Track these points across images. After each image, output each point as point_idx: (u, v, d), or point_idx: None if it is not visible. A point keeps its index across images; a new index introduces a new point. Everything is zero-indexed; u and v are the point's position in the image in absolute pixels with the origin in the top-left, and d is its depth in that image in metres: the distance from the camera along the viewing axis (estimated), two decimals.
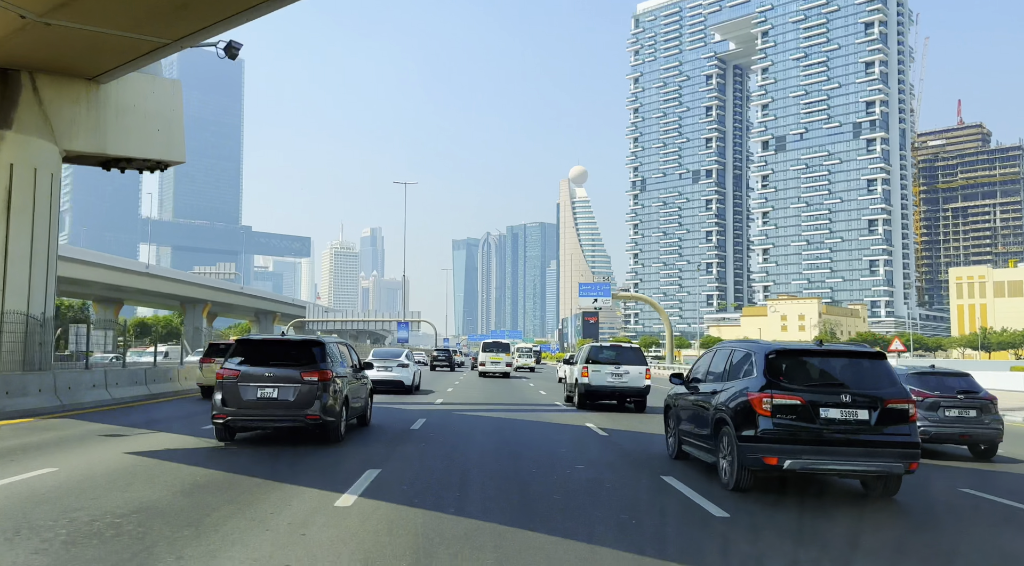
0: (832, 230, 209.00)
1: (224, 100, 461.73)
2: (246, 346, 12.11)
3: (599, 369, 21.41)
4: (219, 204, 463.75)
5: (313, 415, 11.44)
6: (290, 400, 11.42)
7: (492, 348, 45.24)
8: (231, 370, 11.62)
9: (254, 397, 11.45)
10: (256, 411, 11.49)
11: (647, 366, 21.84)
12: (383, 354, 27.04)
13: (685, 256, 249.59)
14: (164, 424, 14.88)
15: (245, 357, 11.84)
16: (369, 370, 17.14)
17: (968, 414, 12.60)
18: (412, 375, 26.56)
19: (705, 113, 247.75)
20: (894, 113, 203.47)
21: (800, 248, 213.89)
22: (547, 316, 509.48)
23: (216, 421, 11.64)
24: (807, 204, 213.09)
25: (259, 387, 11.46)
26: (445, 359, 58.41)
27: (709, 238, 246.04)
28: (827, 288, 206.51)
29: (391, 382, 25.41)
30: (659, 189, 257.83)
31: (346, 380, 12.79)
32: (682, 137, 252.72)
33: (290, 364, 11.68)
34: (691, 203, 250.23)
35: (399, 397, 24.10)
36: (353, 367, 13.86)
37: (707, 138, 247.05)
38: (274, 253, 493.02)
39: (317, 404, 11.45)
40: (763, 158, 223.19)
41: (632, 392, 21.43)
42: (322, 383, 11.57)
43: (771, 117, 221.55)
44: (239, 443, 12.05)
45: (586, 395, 21.62)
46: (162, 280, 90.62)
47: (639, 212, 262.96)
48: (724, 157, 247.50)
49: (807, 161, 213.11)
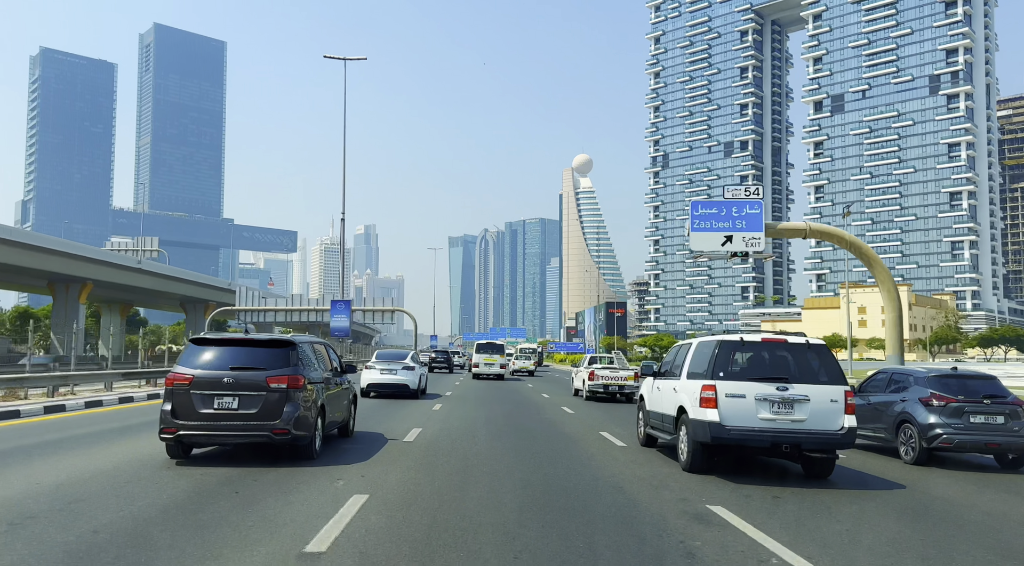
0: (903, 206, 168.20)
1: (204, 84, 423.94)
2: (201, 346, 9.79)
3: (743, 393, 9.23)
4: (199, 195, 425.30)
5: (281, 429, 9.31)
6: (253, 411, 9.30)
7: (486, 349, 41.36)
8: (182, 375, 9.41)
9: (210, 408, 9.30)
10: (213, 424, 9.28)
11: (846, 386, 9.49)
12: (387, 356, 24.43)
13: None
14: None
15: (200, 359, 9.59)
16: (367, 372, 22.69)
17: (996, 421, 11.51)
18: (418, 378, 24.12)
19: (739, 75, 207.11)
20: (979, 63, 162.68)
21: (863, 228, 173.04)
22: (547, 315, 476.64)
23: (164, 436, 9.37)
24: (871, 175, 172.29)
25: (216, 396, 9.31)
26: (444, 361, 53.94)
27: None
28: (896, 277, 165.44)
29: (396, 386, 23.27)
30: (684, 165, 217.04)
31: (322, 386, 10.50)
32: (712, 104, 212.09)
33: (254, 368, 9.51)
34: (722, 180, 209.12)
35: (387, 403, 21.07)
36: (333, 370, 11.71)
37: (741, 105, 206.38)
38: (259, 248, 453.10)
39: (286, 415, 9.36)
40: (815, 121, 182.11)
41: (818, 441, 9.22)
42: (292, 391, 9.47)
43: (825, 72, 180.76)
44: (194, 460, 9.73)
45: (712, 447, 9.49)
46: (14, 248, 50.84)
47: (660, 192, 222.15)
48: (762, 126, 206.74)
49: (871, 124, 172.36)
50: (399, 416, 16.97)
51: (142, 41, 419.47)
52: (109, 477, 8.44)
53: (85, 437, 12.13)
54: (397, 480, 8.63)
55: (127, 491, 7.69)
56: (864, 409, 12.66)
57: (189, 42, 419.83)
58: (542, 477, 9.09)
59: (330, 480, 8.54)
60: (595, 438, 13.59)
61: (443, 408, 19.63)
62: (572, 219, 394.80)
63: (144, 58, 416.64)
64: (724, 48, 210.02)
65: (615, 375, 24.62)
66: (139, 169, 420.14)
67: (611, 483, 8.87)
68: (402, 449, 11.29)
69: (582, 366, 28.26)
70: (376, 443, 11.97)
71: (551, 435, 13.84)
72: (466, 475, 9.07)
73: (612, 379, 24.35)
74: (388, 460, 10.15)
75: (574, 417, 18.27)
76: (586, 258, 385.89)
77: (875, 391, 13.22)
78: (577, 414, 19.17)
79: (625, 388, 24.27)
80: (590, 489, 8.44)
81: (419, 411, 18.45)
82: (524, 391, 29.55)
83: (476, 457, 10.60)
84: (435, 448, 11.50)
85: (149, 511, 6.79)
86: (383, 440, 12.40)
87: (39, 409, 16.47)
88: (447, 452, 11.06)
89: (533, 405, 21.82)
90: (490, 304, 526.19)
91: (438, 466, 9.71)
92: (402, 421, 15.74)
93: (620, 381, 24.35)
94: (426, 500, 7.53)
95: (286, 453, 10.04)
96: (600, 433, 14.44)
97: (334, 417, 11.39)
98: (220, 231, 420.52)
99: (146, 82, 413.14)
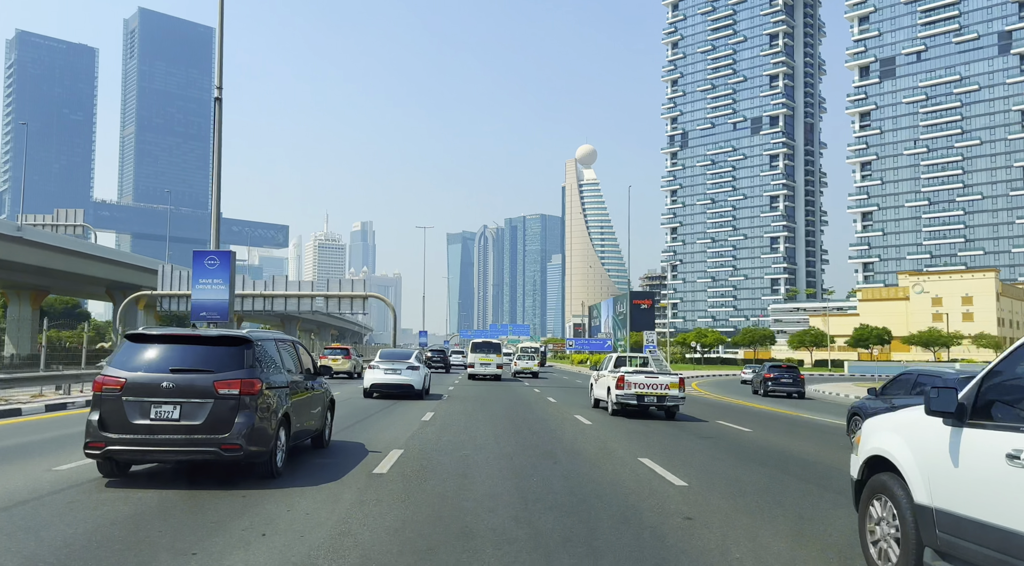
0: (967, 184, 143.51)
1: (192, 72, 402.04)
2: (138, 344, 8.09)
3: None
4: (186, 188, 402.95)
5: (231, 443, 7.67)
6: (198, 422, 7.65)
7: (482, 348, 38.95)
8: (113, 379, 7.76)
9: (146, 418, 7.64)
10: (149, 438, 7.61)
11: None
12: (391, 355, 23.36)
13: (741, 229, 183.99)
14: None
15: (135, 360, 7.91)
16: (370, 372, 22.08)
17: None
18: (423, 378, 23.05)
19: (768, 43, 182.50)
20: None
21: (919, 210, 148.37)
22: (548, 314, 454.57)
23: (90, 452, 7.72)
24: (927, 149, 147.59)
25: (154, 404, 7.67)
26: (440, 360, 51.57)
27: (775, 205, 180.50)
28: (959, 264, 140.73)
29: (400, 386, 22.19)
30: (706, 144, 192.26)
31: (285, 392, 8.74)
32: (737, 76, 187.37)
33: (200, 370, 7.85)
34: (749, 160, 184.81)
35: (376, 407, 19.05)
36: (305, 373, 10.02)
37: (771, 76, 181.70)
38: (249, 243, 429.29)
39: (238, 427, 7.72)
40: (860, 89, 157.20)
41: None
42: (246, 397, 7.81)
43: (872, 32, 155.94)
44: (128, 480, 8.03)
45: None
46: None
47: (679, 175, 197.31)
48: (793, 100, 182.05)
49: (927, 90, 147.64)
50: (383, 424, 14.58)
51: (126, 26, 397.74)
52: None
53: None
54: (360, 520, 6.58)
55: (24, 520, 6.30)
56: (885, 411, 9.90)
57: (176, 27, 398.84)
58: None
59: (286, 508, 6.90)
60: (641, 476, 9.35)
61: (434, 417, 16.53)
62: (575, 212, 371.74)
63: (128, 44, 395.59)
64: (751, 14, 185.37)
65: (653, 382, 18.38)
66: (123, 160, 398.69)
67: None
68: (377, 474, 8.83)
69: (605, 369, 20.96)
70: (353, 456, 10.11)
71: (576, 469, 9.69)
72: (444, 527, 6.45)
73: (649, 387, 18.29)
74: (362, 487, 7.99)
75: (598, 433, 14.26)
76: (590, 253, 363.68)
77: (898, 394, 12.29)
78: (599, 429, 15.16)
79: (666, 399, 18.33)
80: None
81: (411, 415, 16.65)
82: (529, 397, 25.12)
83: (465, 494, 7.81)
84: (421, 468, 9.31)
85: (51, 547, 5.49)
86: (362, 453, 10.50)
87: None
88: (434, 477, 8.67)
89: (540, 415, 17.98)
90: (489, 302, 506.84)
91: (414, 500, 7.40)
92: (388, 429, 13.78)
93: (659, 390, 18.24)
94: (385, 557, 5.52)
95: (244, 471, 8.47)
96: (640, 460, 10.69)
97: (304, 426, 9.66)
98: (208, 225, 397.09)
99: (130, 69, 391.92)
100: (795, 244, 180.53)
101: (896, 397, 12.16)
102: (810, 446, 13.89)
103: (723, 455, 11.77)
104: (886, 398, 12.47)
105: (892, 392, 12.66)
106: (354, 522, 6.46)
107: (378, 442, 11.77)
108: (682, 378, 18.47)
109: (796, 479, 9.75)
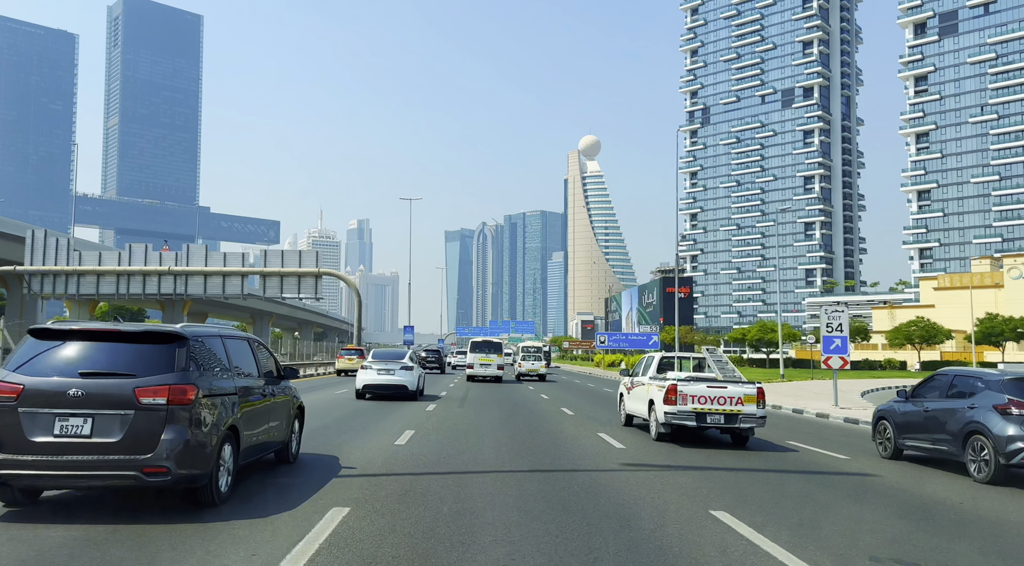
0: None
1: (178, 61, 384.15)
2: (43, 341, 6.60)
3: None
4: (172, 181, 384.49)
5: (156, 466, 6.20)
6: (114, 439, 6.22)
7: (482, 348, 35.63)
8: (7, 385, 6.29)
9: (49, 434, 6.19)
10: (52, 460, 6.17)
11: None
12: (383, 355, 22.53)
13: (771, 214, 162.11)
14: None
15: (37, 362, 6.45)
16: (362, 373, 21.10)
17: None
18: (416, 379, 22.11)
19: (801, 5, 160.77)
20: None
21: (987, 186, 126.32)
22: (548, 312, 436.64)
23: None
24: (998, 116, 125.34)
25: (59, 416, 6.22)
26: (436, 360, 47.36)
27: (809, 187, 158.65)
28: None
29: (394, 387, 21.11)
30: (730, 120, 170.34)
31: (233, 400, 7.21)
32: (766, 43, 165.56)
33: (118, 374, 6.37)
34: (779, 137, 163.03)
35: (361, 410, 17.68)
36: (267, 376, 8.45)
37: (804, 42, 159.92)
38: (237, 239, 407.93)
39: (165, 445, 6.25)
40: (916, 49, 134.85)
41: None
42: (176, 408, 6.35)
43: None
44: (32, 513, 6.56)
45: None
46: None
47: (699, 155, 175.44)
48: (829, 69, 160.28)
49: (996, 48, 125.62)
50: (367, 431, 12.86)
51: (110, 13, 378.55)
52: None
53: None
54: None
55: None
56: (917, 416, 11.26)
57: (162, 15, 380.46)
58: None
59: (221, 551, 5.49)
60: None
61: (425, 421, 14.81)
62: (579, 206, 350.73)
63: (112, 32, 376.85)
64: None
65: (719, 394, 12.58)
66: (107, 152, 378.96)
67: None
68: (344, 501, 7.20)
69: (643, 375, 14.96)
70: (321, 476, 8.37)
71: (628, 538, 6.21)
72: None
73: (714, 401, 12.53)
74: (321, 517, 6.52)
75: (650, 475, 9.52)
76: (594, 248, 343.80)
77: (932, 396, 11.21)
78: (642, 458, 10.97)
79: (740, 419, 12.54)
80: None
81: (400, 420, 14.82)
82: (538, 405, 20.79)
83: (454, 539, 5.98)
84: (402, 494, 7.60)
85: None
86: (333, 470, 8.83)
87: None
88: (414, 512, 6.84)
89: (553, 432, 13.91)
90: (488, 301, 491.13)
91: (386, 550, 5.61)
92: (372, 437, 11.96)
93: (729, 406, 12.50)
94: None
95: (186, 495, 6.80)
96: (735, 529, 6.64)
97: (260, 440, 8.01)
98: (195, 220, 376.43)
99: (114, 58, 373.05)
100: (832, 231, 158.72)
101: (929, 400, 11.09)
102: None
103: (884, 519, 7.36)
104: (918, 401, 11.29)
105: (925, 394, 11.35)
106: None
107: (356, 455, 10.15)
108: (760, 388, 12.65)
109: None
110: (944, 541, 6.50)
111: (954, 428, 10.30)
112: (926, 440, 10.93)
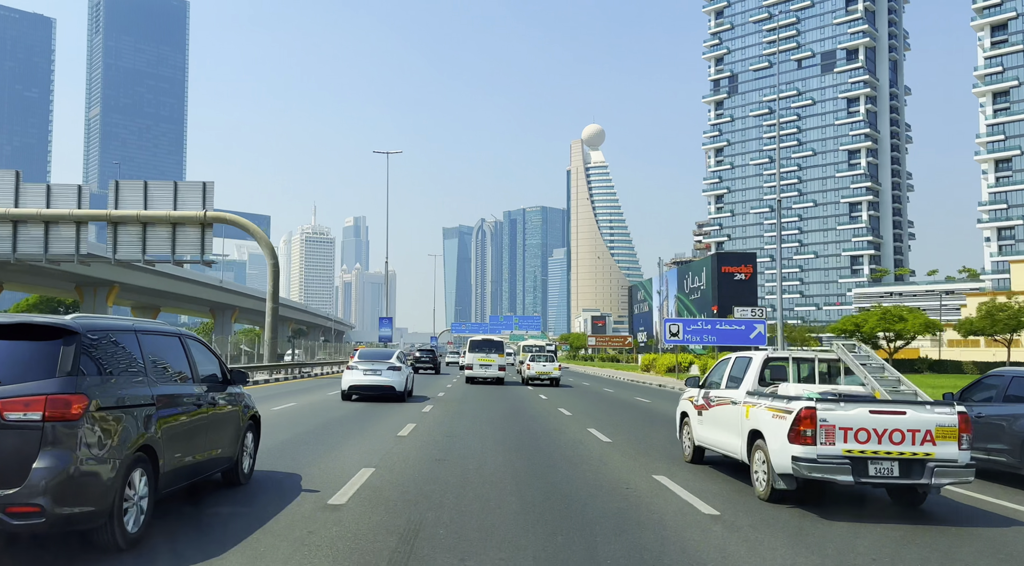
0: None
1: (163, 49, 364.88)
2: None
3: None
4: (157, 174, 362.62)
5: (23, 505, 4.72)
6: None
7: (481, 347, 32.53)
8: None
9: None
10: None
11: None
12: (370, 355, 21.47)
13: (810, 195, 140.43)
14: None
15: None
16: (348, 373, 20.07)
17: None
18: (404, 380, 20.95)
19: None
20: None
21: None
22: (549, 310, 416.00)
23: None
24: None
25: None
26: (429, 361, 46.10)
27: (854, 162, 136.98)
28: None
29: (380, 388, 20.11)
30: (761, 88, 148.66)
31: (149, 412, 5.77)
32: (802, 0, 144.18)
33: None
34: (819, 105, 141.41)
35: (344, 412, 16.41)
36: (209, 380, 7.08)
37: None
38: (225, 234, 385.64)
39: (38, 477, 4.78)
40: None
41: None
42: (58, 425, 4.90)
43: None
44: None
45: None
46: None
47: (725, 128, 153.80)
48: (875, 28, 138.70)
49: None
50: (345, 441, 10.86)
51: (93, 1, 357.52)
52: None
53: None
54: None
55: None
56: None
57: (145, 0, 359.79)
58: None
59: None
60: None
61: (404, 443, 11.46)
62: (582, 199, 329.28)
63: (94, 17, 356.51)
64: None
65: (895, 425, 6.99)
66: (88, 143, 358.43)
67: None
68: (301, 535, 5.77)
69: (731, 384, 9.11)
70: (275, 503, 6.78)
71: None
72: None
73: (885, 437, 7.00)
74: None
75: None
76: (598, 242, 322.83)
77: (984, 401, 9.74)
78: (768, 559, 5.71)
79: (933, 469, 7.00)
80: None
81: (389, 425, 13.02)
82: (554, 422, 15.20)
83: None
84: (373, 526, 6.09)
85: None
86: (292, 493, 7.26)
87: None
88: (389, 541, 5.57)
89: (590, 476, 8.78)
90: (487, 299, 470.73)
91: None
92: (348, 448, 10.08)
93: (910, 446, 6.92)
94: None
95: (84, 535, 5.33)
96: None
97: (196, 459, 6.57)
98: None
99: (96, 45, 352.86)
100: (880, 212, 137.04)
101: (980, 404, 9.45)
102: None
103: None
104: (968, 405, 9.08)
105: (976, 397, 9.77)
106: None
107: (324, 472, 8.37)
108: (964, 413, 7.15)
109: None
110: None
111: (1015, 436, 8.88)
112: (980, 449, 9.03)
